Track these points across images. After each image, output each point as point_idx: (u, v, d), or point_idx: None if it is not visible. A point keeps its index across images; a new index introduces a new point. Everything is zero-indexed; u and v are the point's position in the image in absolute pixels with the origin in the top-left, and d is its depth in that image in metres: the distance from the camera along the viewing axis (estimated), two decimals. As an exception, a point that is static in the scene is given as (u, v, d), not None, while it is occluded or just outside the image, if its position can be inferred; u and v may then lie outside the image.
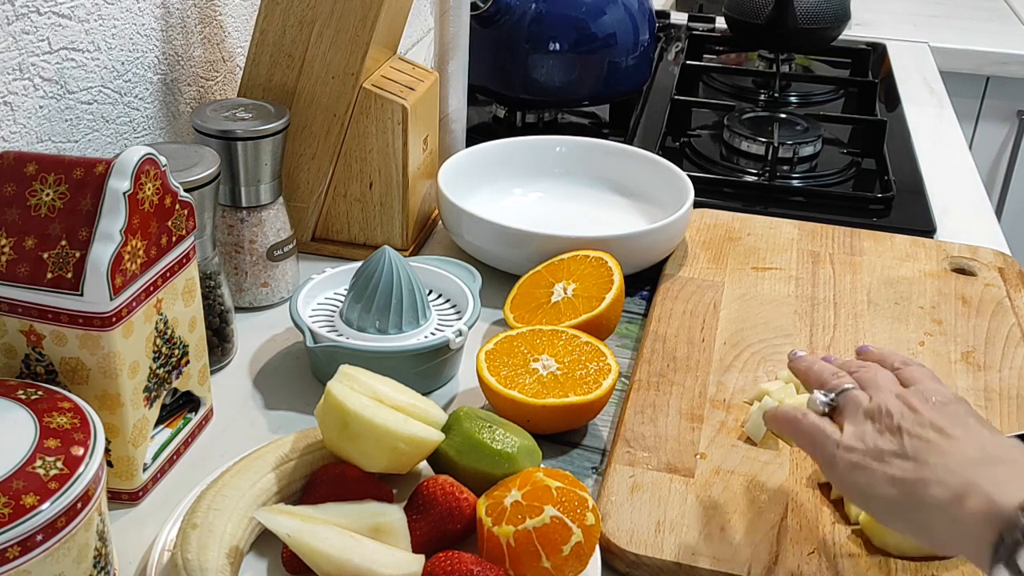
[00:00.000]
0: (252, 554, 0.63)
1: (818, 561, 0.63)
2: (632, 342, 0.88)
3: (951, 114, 1.48)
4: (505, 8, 1.22)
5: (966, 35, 1.94)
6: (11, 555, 0.48)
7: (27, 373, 0.63)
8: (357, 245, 0.97)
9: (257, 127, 0.83)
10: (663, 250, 0.95)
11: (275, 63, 0.91)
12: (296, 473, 0.65)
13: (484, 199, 1.04)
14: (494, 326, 0.89)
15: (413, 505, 0.62)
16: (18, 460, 0.51)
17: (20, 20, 0.71)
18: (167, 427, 0.72)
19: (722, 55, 1.73)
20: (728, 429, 0.74)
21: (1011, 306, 0.92)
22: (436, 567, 0.58)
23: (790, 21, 1.47)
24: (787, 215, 1.08)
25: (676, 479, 0.69)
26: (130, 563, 0.63)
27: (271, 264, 0.88)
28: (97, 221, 0.59)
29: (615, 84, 1.29)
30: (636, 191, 1.06)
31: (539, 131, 1.31)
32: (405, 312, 0.78)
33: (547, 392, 0.72)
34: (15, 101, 0.72)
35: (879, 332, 0.87)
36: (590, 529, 0.59)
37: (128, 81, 0.85)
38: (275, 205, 0.88)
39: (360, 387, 0.64)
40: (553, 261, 0.88)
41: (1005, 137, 1.97)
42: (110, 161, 0.60)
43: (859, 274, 0.96)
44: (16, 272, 0.60)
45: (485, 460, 0.63)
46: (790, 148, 1.21)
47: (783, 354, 0.83)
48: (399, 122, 0.91)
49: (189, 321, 0.69)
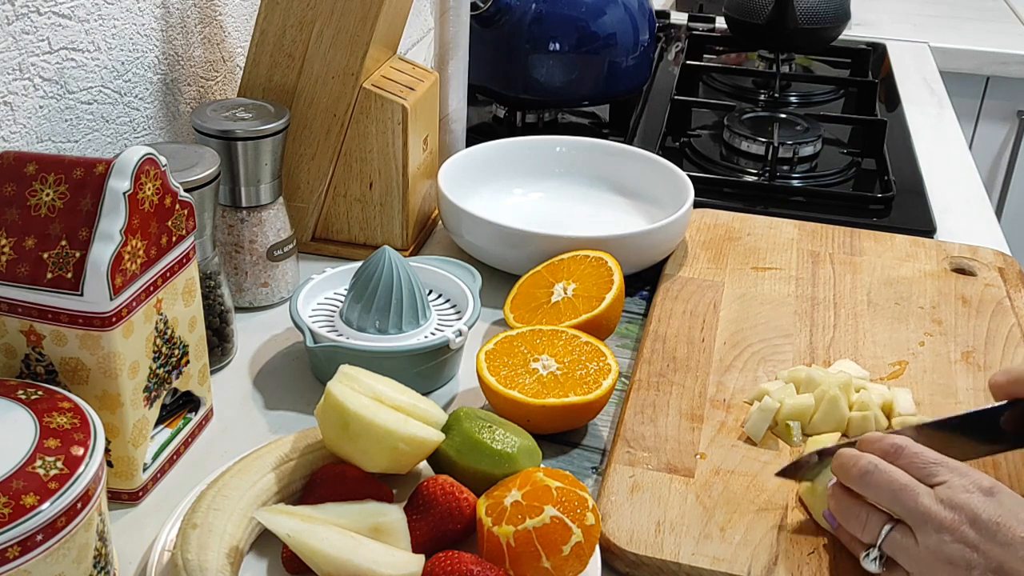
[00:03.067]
0: (252, 554, 0.63)
1: (818, 561, 0.63)
2: (632, 342, 0.88)
3: (951, 114, 1.48)
4: (505, 8, 1.22)
5: (966, 35, 1.94)
6: (11, 555, 0.48)
7: (27, 373, 0.63)
8: (357, 245, 0.97)
9: (257, 127, 0.83)
10: (663, 250, 0.95)
11: (275, 63, 0.91)
12: (296, 473, 0.65)
13: (484, 199, 1.04)
14: (494, 326, 0.89)
15: (413, 505, 0.62)
16: (18, 460, 0.51)
17: (20, 20, 0.71)
18: (167, 427, 0.72)
19: (722, 55, 1.73)
20: (728, 429, 0.74)
21: (1011, 306, 0.92)
22: (436, 567, 0.58)
23: (790, 21, 1.47)
24: (787, 215, 1.08)
25: (676, 479, 0.69)
26: (130, 563, 0.63)
27: (271, 264, 0.88)
28: (97, 221, 0.59)
29: (615, 84, 1.29)
30: (636, 191, 1.06)
31: (539, 131, 1.31)
32: (405, 312, 0.78)
33: (547, 392, 0.72)
34: (15, 101, 0.72)
35: (879, 332, 0.87)
36: (590, 529, 0.59)
37: (128, 81, 0.85)
38: (275, 205, 0.88)
39: (360, 387, 0.64)
40: (553, 261, 0.88)
41: (1005, 137, 1.97)
42: (110, 161, 0.60)
43: (859, 274, 0.96)
44: (16, 272, 0.60)
45: (485, 460, 0.63)
46: (790, 148, 1.21)
47: (783, 354, 0.83)
48: (399, 122, 0.91)
49: (189, 321, 0.69)
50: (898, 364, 0.83)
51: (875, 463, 0.61)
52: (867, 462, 0.61)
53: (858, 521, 0.61)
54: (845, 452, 0.63)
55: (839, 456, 0.63)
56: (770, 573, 0.62)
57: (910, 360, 0.84)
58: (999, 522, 0.56)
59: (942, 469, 0.59)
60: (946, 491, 0.58)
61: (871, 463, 0.61)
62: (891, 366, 0.83)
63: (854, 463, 0.61)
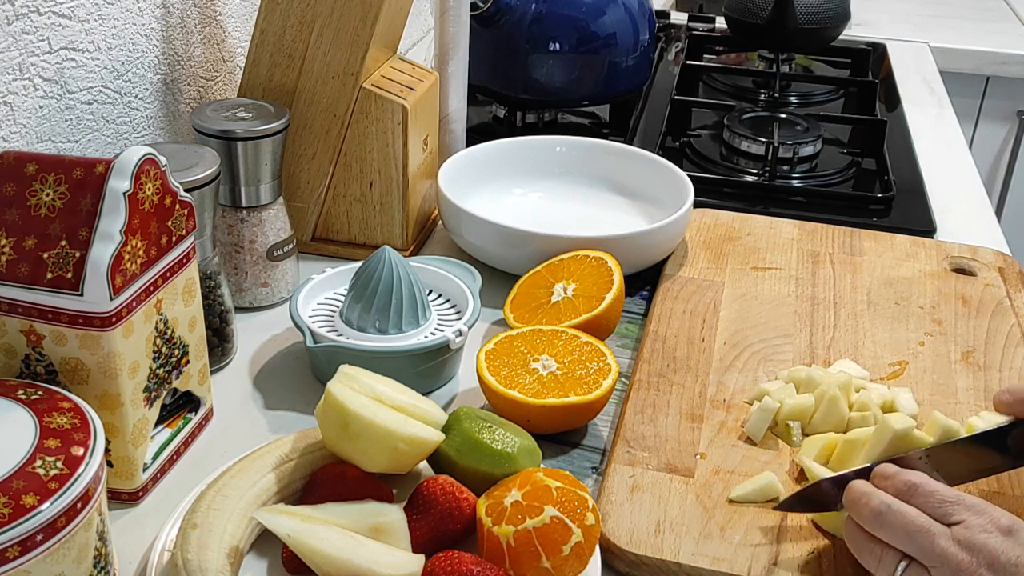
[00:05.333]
0: (252, 554, 0.63)
1: (818, 561, 0.63)
2: (632, 342, 0.88)
3: (951, 114, 1.48)
4: (505, 8, 1.22)
5: (966, 35, 1.94)
6: (11, 555, 0.48)
7: (27, 373, 0.63)
8: (357, 245, 0.97)
9: (257, 127, 0.83)
10: (663, 250, 0.95)
11: (275, 63, 0.91)
12: (296, 473, 0.65)
13: (484, 199, 1.04)
14: (494, 326, 0.89)
15: (413, 505, 0.62)
16: (18, 460, 0.51)
17: (20, 20, 0.71)
18: (167, 427, 0.72)
19: (722, 55, 1.73)
20: (728, 429, 0.74)
21: (1011, 306, 0.92)
22: (436, 567, 0.58)
23: (790, 21, 1.47)
24: (787, 215, 1.08)
25: (676, 479, 0.69)
26: (130, 563, 0.63)
27: (271, 264, 0.88)
28: (97, 221, 0.59)
29: (615, 84, 1.29)
30: (636, 191, 1.06)
31: (539, 131, 1.31)
32: (405, 312, 0.78)
33: (547, 392, 0.72)
34: (15, 101, 0.72)
35: (879, 332, 0.87)
36: (590, 529, 0.59)
37: (128, 81, 0.85)
38: (275, 205, 0.88)
39: (360, 387, 0.64)
40: (553, 261, 0.88)
41: (1005, 137, 1.97)
42: (110, 161, 0.60)
43: (859, 274, 0.96)
44: (16, 272, 0.60)
45: (485, 460, 0.63)
46: (790, 148, 1.21)
47: (783, 354, 0.83)
48: (399, 122, 0.91)
49: (189, 321, 0.69)
50: (898, 364, 0.83)
51: (888, 503, 0.58)
52: (879, 502, 0.58)
53: (872, 557, 0.59)
54: (856, 488, 0.60)
55: (850, 491, 0.60)
56: (770, 573, 0.62)
57: (910, 360, 0.84)
58: (1018, 564, 0.54)
59: (959, 508, 0.57)
60: (963, 532, 0.56)
61: (883, 503, 0.58)
62: (891, 366, 0.83)
63: (866, 502, 0.59)
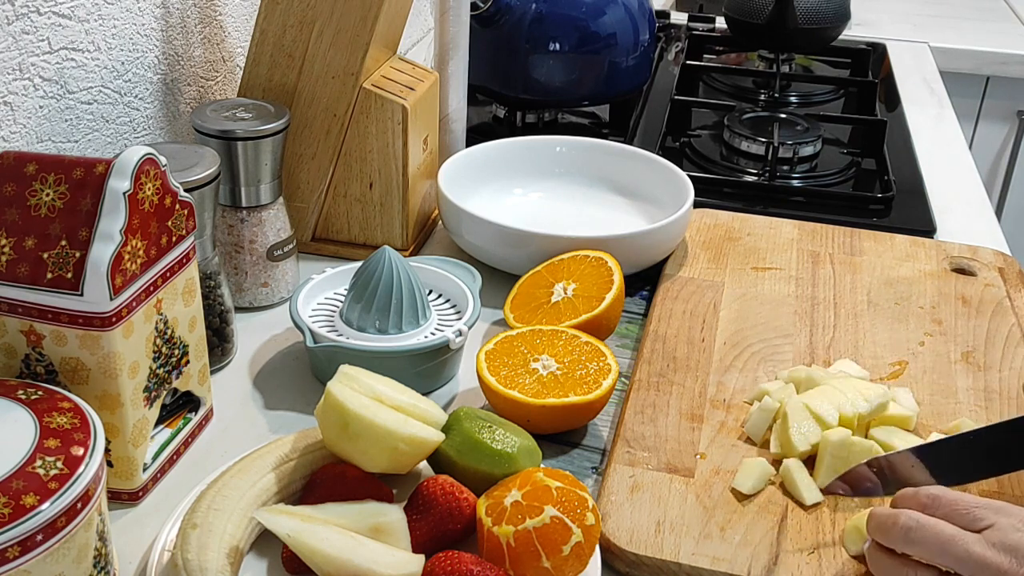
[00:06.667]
0: (252, 554, 0.63)
1: (818, 561, 0.63)
2: (632, 342, 0.88)
3: (951, 114, 1.48)
4: (505, 8, 1.22)
5: (966, 35, 1.94)
6: (11, 555, 0.48)
7: (27, 373, 0.63)
8: (357, 245, 0.97)
9: (257, 127, 0.83)
10: (663, 250, 0.95)
11: (275, 63, 0.91)
12: (296, 473, 0.65)
13: (484, 199, 1.04)
14: (494, 326, 0.89)
15: (413, 505, 0.62)
16: (18, 460, 0.51)
17: (20, 20, 0.71)
18: (167, 427, 0.72)
19: (722, 55, 1.73)
20: (728, 429, 0.74)
21: (1011, 306, 0.92)
22: (436, 567, 0.58)
23: (790, 21, 1.47)
24: (787, 215, 1.08)
25: (676, 479, 0.69)
26: (130, 563, 0.63)
27: (271, 264, 0.88)
28: (97, 221, 0.59)
29: (615, 84, 1.29)
30: (636, 191, 1.06)
31: (539, 131, 1.31)
32: (405, 312, 0.78)
33: (547, 392, 0.72)
34: (15, 101, 0.72)
35: (879, 332, 0.87)
36: (590, 529, 0.59)
37: (128, 81, 0.85)
38: (275, 205, 0.88)
39: (360, 387, 0.64)
40: (553, 261, 0.88)
41: (1005, 137, 1.97)
42: (110, 161, 0.60)
43: (859, 274, 0.96)
44: (16, 272, 0.60)
45: (485, 460, 0.63)
46: (790, 148, 1.21)
47: (783, 354, 0.83)
48: (399, 122, 0.91)
49: (189, 321, 0.69)
50: (898, 364, 0.83)
51: (915, 518, 0.57)
52: (907, 518, 0.57)
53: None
54: (880, 512, 0.59)
55: (874, 517, 0.59)
56: (770, 573, 0.62)
57: (910, 360, 0.84)
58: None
59: (986, 511, 0.56)
60: (996, 534, 0.55)
61: (911, 519, 0.57)
62: (891, 366, 0.83)
63: (893, 522, 0.57)
